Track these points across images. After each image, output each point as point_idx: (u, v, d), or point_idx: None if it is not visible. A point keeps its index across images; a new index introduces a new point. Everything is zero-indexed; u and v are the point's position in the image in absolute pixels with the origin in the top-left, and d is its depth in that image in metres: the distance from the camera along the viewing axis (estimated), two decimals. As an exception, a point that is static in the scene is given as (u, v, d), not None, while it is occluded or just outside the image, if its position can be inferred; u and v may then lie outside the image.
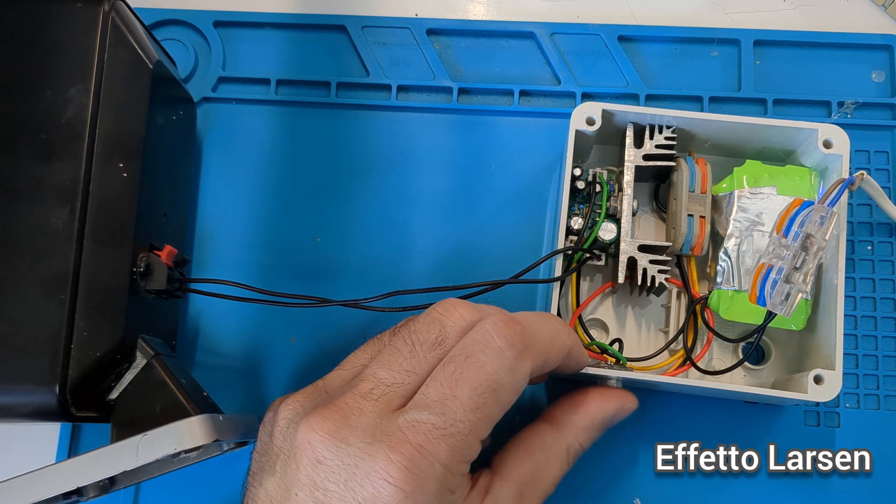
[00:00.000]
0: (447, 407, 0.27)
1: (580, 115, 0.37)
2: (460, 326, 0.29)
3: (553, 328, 0.31)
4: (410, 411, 0.27)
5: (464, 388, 0.27)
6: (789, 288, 0.33)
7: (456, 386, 0.27)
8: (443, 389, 0.27)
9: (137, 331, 0.34)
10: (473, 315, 0.30)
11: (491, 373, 0.28)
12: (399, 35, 0.45)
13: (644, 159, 0.37)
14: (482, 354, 0.28)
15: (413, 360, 0.29)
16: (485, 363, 0.28)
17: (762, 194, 0.37)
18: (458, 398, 0.27)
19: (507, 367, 0.28)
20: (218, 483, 0.39)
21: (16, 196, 0.32)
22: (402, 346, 0.29)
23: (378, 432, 0.27)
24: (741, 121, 0.37)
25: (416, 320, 0.30)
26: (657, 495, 0.38)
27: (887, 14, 0.45)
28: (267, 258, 0.42)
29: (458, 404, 0.27)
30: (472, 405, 0.27)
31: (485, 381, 0.28)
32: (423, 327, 0.30)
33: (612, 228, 0.37)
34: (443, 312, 0.30)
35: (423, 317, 0.30)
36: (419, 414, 0.27)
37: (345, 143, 0.43)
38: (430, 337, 0.29)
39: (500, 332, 0.28)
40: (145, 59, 0.35)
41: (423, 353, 0.29)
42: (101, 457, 0.29)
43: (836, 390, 0.34)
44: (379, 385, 0.28)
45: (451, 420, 0.27)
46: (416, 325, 0.30)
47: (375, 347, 0.32)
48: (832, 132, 0.36)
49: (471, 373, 0.28)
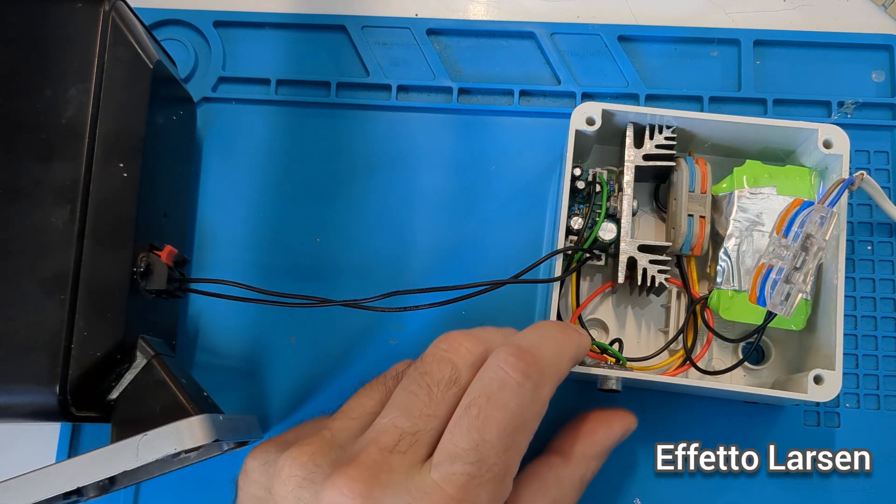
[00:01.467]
0: (479, 454, 0.26)
1: (580, 115, 0.37)
2: (470, 362, 0.29)
3: (557, 343, 0.31)
4: (444, 464, 0.26)
5: (492, 431, 0.27)
6: (789, 288, 0.33)
7: (483, 430, 0.27)
8: (471, 436, 0.27)
9: (137, 331, 0.34)
10: (479, 347, 0.29)
11: (515, 409, 0.27)
12: (399, 35, 0.45)
13: (644, 159, 0.37)
14: (502, 393, 0.27)
15: (432, 403, 0.28)
16: (507, 402, 0.27)
17: (762, 194, 0.37)
18: (489, 441, 0.27)
19: (528, 400, 0.28)
20: (218, 483, 0.39)
21: (16, 196, 0.32)
22: (418, 389, 0.28)
23: (415, 490, 0.26)
24: (741, 121, 0.37)
25: (425, 361, 0.29)
26: (657, 495, 0.38)
27: (887, 14, 0.45)
28: (267, 258, 0.42)
29: (489, 448, 0.26)
30: (503, 446, 0.27)
31: (511, 420, 0.27)
32: (433, 368, 0.29)
33: (611, 228, 0.37)
34: (448, 349, 0.29)
35: (429, 357, 0.30)
36: (453, 465, 0.26)
37: (345, 143, 0.43)
38: (444, 377, 0.29)
39: (513, 366, 0.28)
40: (145, 59, 0.35)
41: (440, 394, 0.28)
42: (101, 457, 0.29)
43: (836, 390, 0.34)
44: (404, 436, 0.27)
45: (485, 466, 0.26)
46: (425, 366, 0.29)
47: (381, 392, 0.32)
48: (832, 132, 0.36)
49: (495, 413, 0.27)
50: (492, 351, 0.29)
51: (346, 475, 0.26)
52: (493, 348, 0.29)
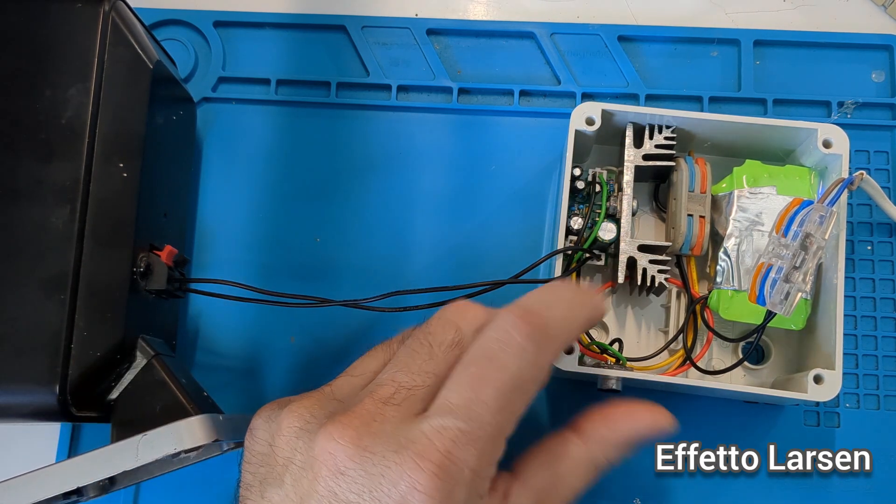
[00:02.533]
0: (473, 411, 0.26)
1: (580, 115, 0.37)
2: (475, 327, 0.29)
3: (568, 307, 0.30)
4: (435, 417, 0.26)
5: (488, 390, 0.26)
6: (789, 287, 0.33)
7: (480, 388, 0.26)
8: (466, 393, 0.26)
9: (137, 331, 0.34)
10: (484, 314, 0.29)
11: (514, 371, 0.27)
12: (399, 35, 0.45)
13: (644, 159, 0.37)
14: (503, 354, 0.27)
15: (432, 361, 0.28)
16: (507, 363, 0.27)
17: (762, 194, 0.37)
18: (484, 401, 0.26)
19: (529, 363, 0.27)
20: (218, 483, 0.39)
21: (16, 196, 0.32)
22: (420, 347, 0.29)
23: (404, 439, 0.26)
24: (740, 120, 0.37)
25: (430, 323, 0.30)
26: (657, 495, 0.38)
27: (887, 14, 0.45)
28: (267, 258, 0.42)
29: (483, 407, 0.26)
30: (498, 407, 0.26)
31: (509, 381, 0.27)
32: (438, 329, 0.29)
33: (611, 228, 0.37)
34: (455, 314, 0.29)
35: (435, 319, 0.30)
36: (444, 419, 0.26)
37: (345, 143, 0.43)
38: (447, 338, 0.29)
39: (518, 328, 0.28)
40: (145, 59, 0.35)
41: (441, 354, 0.28)
42: (101, 457, 0.29)
43: (835, 390, 0.34)
44: (399, 389, 0.27)
45: (477, 424, 0.26)
46: (429, 327, 0.29)
47: (385, 353, 0.32)
48: (832, 132, 0.36)
49: (494, 374, 0.27)
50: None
51: (339, 423, 0.26)
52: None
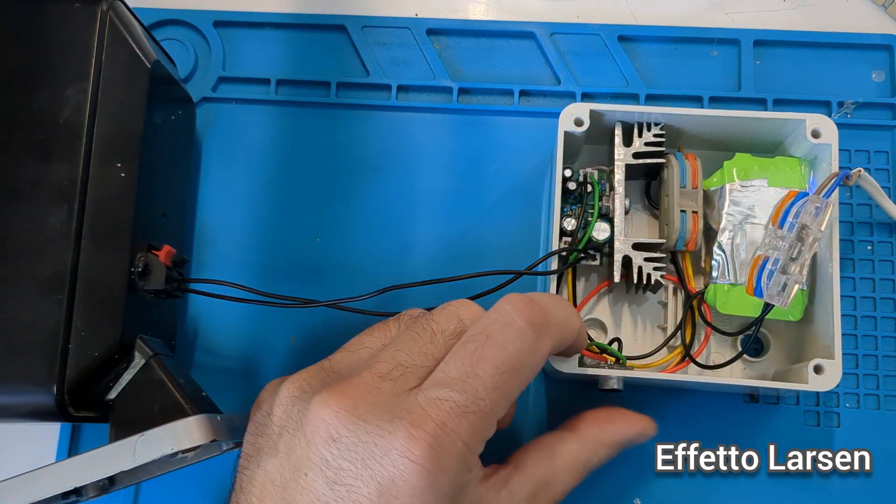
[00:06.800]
0: (469, 385, 0.27)
1: (568, 116, 0.37)
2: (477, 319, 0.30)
3: (566, 310, 0.31)
4: (431, 389, 0.27)
5: (485, 367, 0.27)
6: (786, 279, 0.33)
7: (477, 364, 0.27)
8: (464, 368, 0.27)
9: (136, 331, 0.34)
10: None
11: (513, 352, 0.28)
12: (399, 35, 0.45)
13: (634, 157, 0.37)
14: (503, 334, 0.28)
15: (433, 346, 0.29)
16: (506, 343, 0.28)
17: (753, 187, 0.37)
18: (480, 377, 0.27)
19: (527, 347, 0.28)
20: (218, 483, 0.39)
21: (13, 196, 0.32)
22: (422, 332, 0.29)
23: (398, 409, 0.26)
24: (729, 115, 0.37)
25: (433, 313, 0.30)
26: (657, 495, 0.38)
27: (887, 14, 0.44)
28: (267, 258, 0.42)
29: (479, 383, 0.27)
30: (494, 384, 0.27)
31: (506, 361, 0.27)
32: (441, 318, 0.30)
33: (605, 228, 0.37)
34: (459, 307, 0.30)
35: (438, 311, 0.31)
36: (440, 391, 0.27)
37: (345, 143, 0.43)
38: (450, 327, 0.29)
39: (520, 311, 0.28)
40: (143, 59, 0.35)
41: (442, 340, 0.29)
42: (99, 457, 0.29)
43: (836, 380, 0.34)
44: (397, 366, 0.28)
45: (472, 398, 0.27)
46: (433, 316, 0.30)
47: (383, 333, 0.32)
48: (820, 122, 0.37)
49: (492, 352, 0.27)
50: None
51: (334, 391, 0.27)
52: None
